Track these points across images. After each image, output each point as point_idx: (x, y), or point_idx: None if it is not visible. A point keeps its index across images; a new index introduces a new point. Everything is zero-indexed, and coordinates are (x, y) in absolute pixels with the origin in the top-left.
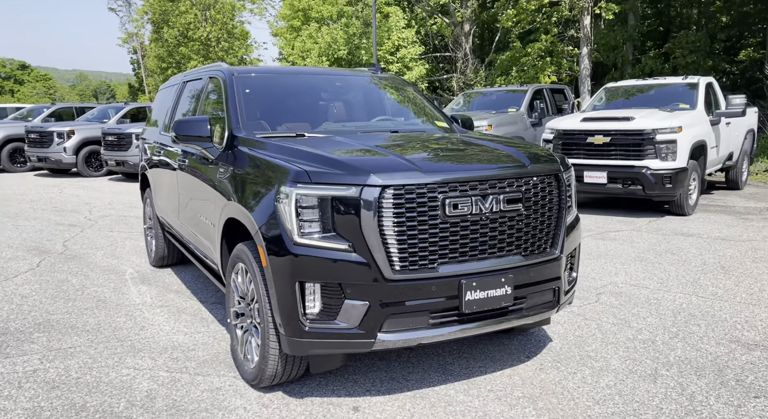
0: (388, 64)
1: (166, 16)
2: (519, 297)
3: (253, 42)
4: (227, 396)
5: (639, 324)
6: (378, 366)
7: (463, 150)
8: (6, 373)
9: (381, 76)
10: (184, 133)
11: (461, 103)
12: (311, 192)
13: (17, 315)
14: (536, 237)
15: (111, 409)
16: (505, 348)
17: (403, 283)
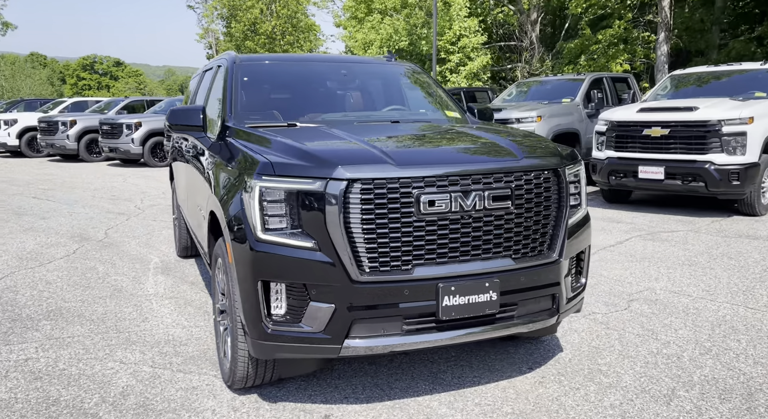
0: (449, 54)
1: (235, 11)
2: (508, 304)
3: (321, 35)
4: (200, 396)
5: (668, 336)
6: (365, 370)
7: (454, 142)
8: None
9: (394, 64)
10: (177, 122)
11: (513, 94)
12: (276, 185)
13: (34, 302)
14: (530, 238)
15: (81, 405)
16: (508, 357)
17: (372, 286)
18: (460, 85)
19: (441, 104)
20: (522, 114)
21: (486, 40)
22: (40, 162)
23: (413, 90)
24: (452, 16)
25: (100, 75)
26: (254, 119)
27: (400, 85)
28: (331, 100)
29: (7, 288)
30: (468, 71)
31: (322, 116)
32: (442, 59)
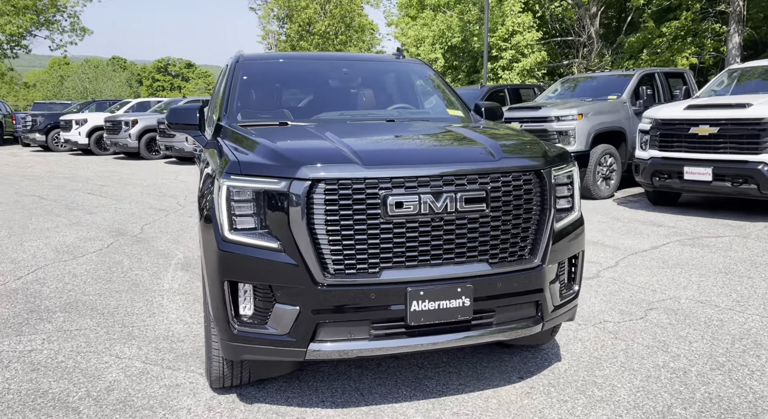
0: (501, 50)
1: (290, 11)
2: (484, 310)
3: (378, 34)
4: (181, 394)
5: (680, 349)
6: (349, 373)
7: (433, 142)
8: (5, 351)
9: (401, 61)
10: (175, 121)
11: (558, 91)
12: (243, 185)
13: (56, 294)
14: (508, 243)
15: (66, 398)
16: (500, 364)
17: (337, 288)
18: (512, 82)
19: (446, 103)
20: (561, 112)
21: (541, 36)
22: (104, 160)
23: (418, 88)
24: (505, 11)
25: (172, 77)
26: (248, 118)
27: (404, 83)
28: (330, 99)
29: (36, 280)
30: (521, 68)
31: (318, 114)
32: (494, 56)
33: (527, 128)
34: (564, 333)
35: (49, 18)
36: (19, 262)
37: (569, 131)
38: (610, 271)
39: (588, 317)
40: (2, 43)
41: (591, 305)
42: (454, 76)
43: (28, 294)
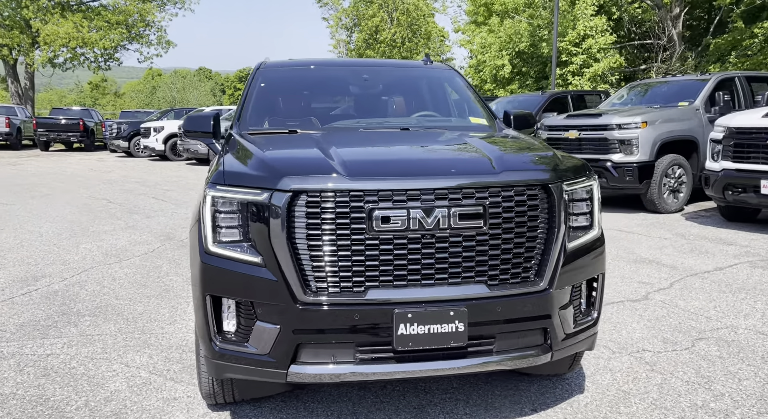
0: (571, 55)
1: (358, 20)
2: (482, 336)
3: (448, 41)
4: (175, 409)
5: (726, 387)
6: (350, 395)
7: (435, 153)
8: (25, 354)
9: (427, 67)
10: (190, 128)
11: (624, 97)
12: (227, 195)
13: (91, 298)
14: (510, 263)
15: (64, 407)
16: (515, 394)
17: (318, 308)
18: (583, 88)
19: (471, 110)
20: (623, 120)
21: (615, 39)
22: (177, 165)
23: (443, 95)
24: (577, 15)
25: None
26: (259, 125)
27: (430, 89)
28: (348, 106)
29: (77, 283)
30: (592, 73)
31: (333, 122)
32: (563, 62)
33: (585, 136)
34: (593, 361)
35: (139, 32)
36: (69, 264)
37: (632, 140)
38: (662, 293)
39: (625, 344)
40: (97, 57)
41: (631, 331)
42: (521, 82)
43: (65, 297)
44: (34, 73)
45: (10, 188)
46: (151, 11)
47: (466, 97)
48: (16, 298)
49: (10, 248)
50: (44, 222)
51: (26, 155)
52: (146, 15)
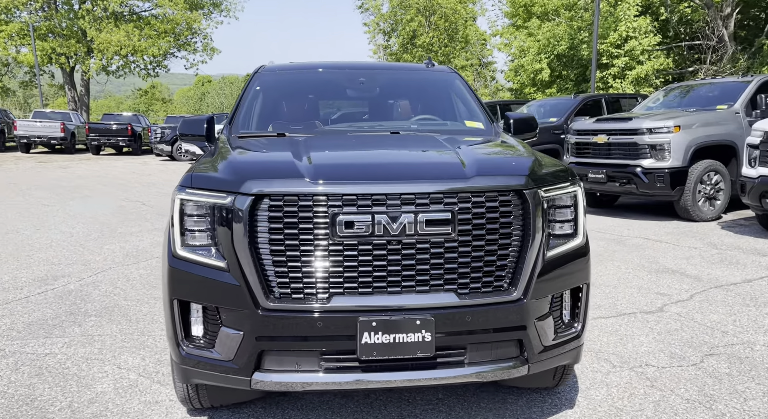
0: (612, 58)
1: (396, 25)
2: (451, 347)
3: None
4: (154, 413)
5: (729, 407)
6: (330, 403)
7: (413, 157)
8: (25, 353)
9: (428, 70)
10: (185, 131)
11: (660, 100)
12: (193, 198)
13: (101, 298)
14: (481, 272)
15: (48, 408)
16: (501, 406)
17: (281, 314)
18: (625, 91)
19: (468, 114)
20: (655, 124)
21: (660, 40)
22: None
23: (441, 98)
24: (618, 16)
25: None
26: (249, 129)
27: (429, 92)
28: (343, 110)
29: (92, 283)
30: (635, 76)
31: (325, 126)
32: (604, 64)
33: (615, 141)
34: (590, 375)
35: (186, 40)
36: (89, 264)
37: (663, 145)
38: (679, 306)
39: (628, 358)
40: (146, 64)
41: (637, 345)
42: (560, 85)
43: (77, 297)
44: (89, 80)
45: (55, 189)
46: (197, 19)
47: (466, 100)
48: (32, 297)
49: (40, 248)
50: (77, 223)
51: (78, 158)
52: (192, 23)
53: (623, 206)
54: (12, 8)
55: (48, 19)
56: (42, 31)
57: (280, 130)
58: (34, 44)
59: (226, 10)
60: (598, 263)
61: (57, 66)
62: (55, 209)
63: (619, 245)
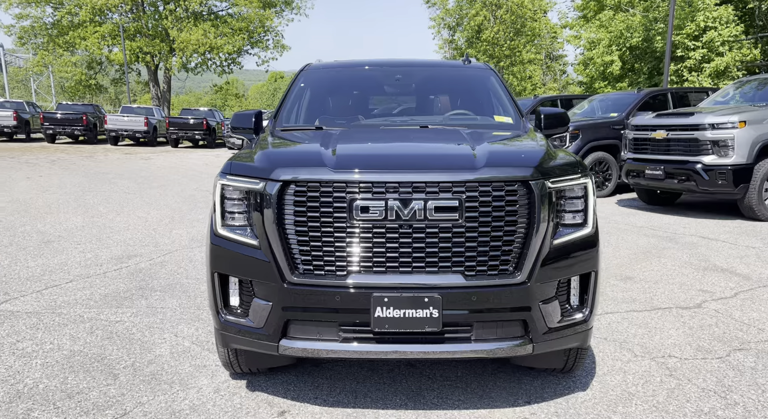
0: (688, 50)
1: (461, 19)
2: (457, 323)
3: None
4: (202, 375)
5: (745, 397)
6: (356, 375)
7: (431, 148)
8: (99, 320)
9: (464, 66)
10: (236, 125)
11: (730, 95)
12: (232, 184)
13: (167, 276)
14: (487, 255)
15: (115, 365)
16: (514, 386)
17: (304, 288)
18: (702, 85)
19: (500, 109)
20: (718, 119)
21: (742, 29)
22: None
23: (474, 94)
24: (696, 5)
25: None
26: (292, 123)
27: (463, 89)
28: (379, 105)
29: (160, 263)
30: (713, 69)
31: (360, 120)
32: (679, 57)
33: (674, 136)
34: (609, 363)
35: (259, 37)
36: (159, 246)
37: (727, 141)
38: (720, 303)
39: (651, 349)
40: (222, 61)
41: (665, 337)
42: (632, 79)
43: (147, 274)
44: (171, 77)
45: (136, 179)
46: (269, 17)
47: (498, 96)
48: (109, 273)
49: (119, 230)
50: (152, 209)
51: (158, 150)
52: (265, 21)
53: (685, 204)
54: (105, 10)
55: (136, 20)
56: (130, 31)
57: (318, 124)
58: (124, 44)
59: (297, 7)
60: (643, 259)
61: (143, 64)
62: (135, 196)
63: (670, 242)
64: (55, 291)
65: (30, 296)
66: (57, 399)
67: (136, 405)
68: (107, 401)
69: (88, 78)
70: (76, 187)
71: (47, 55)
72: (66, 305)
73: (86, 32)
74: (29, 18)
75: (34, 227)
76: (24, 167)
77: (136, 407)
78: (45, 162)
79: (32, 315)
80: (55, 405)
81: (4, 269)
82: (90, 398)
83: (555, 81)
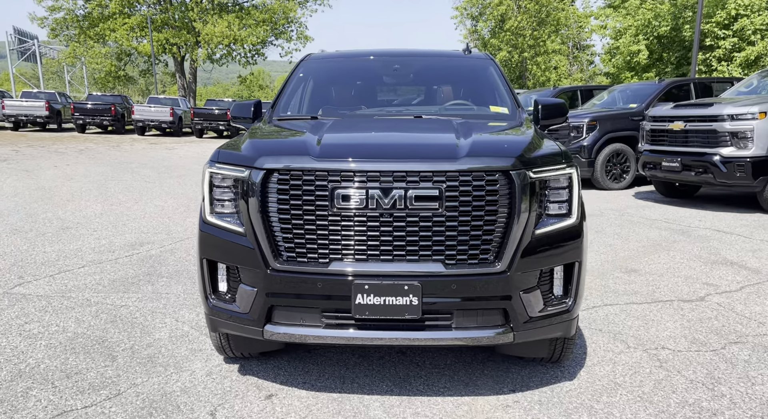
0: (717, 39)
1: (484, 9)
2: (437, 311)
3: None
4: (197, 358)
5: (733, 389)
6: (346, 361)
7: (417, 138)
8: (105, 304)
9: (464, 56)
10: (235, 114)
11: (753, 85)
12: (220, 172)
13: (174, 263)
14: (467, 244)
15: (115, 348)
16: (500, 374)
17: (287, 275)
18: (731, 75)
19: (497, 99)
20: (737, 110)
21: None
22: None
23: (473, 84)
24: None
25: None
26: (288, 112)
27: (461, 79)
28: (375, 95)
29: (170, 250)
30: (743, 58)
31: (355, 110)
32: (708, 46)
33: (692, 128)
34: (600, 354)
35: (282, 28)
36: (171, 234)
37: (746, 133)
38: (723, 296)
39: (645, 341)
40: (246, 53)
41: (660, 330)
42: (660, 69)
43: (156, 261)
44: (197, 68)
45: (157, 168)
46: (293, 8)
47: (496, 86)
48: (120, 259)
49: (135, 218)
50: (170, 198)
51: (183, 141)
52: (289, 12)
53: (704, 197)
54: (133, 2)
55: (163, 12)
56: (158, 23)
57: (314, 114)
58: (151, 35)
59: None
60: (651, 252)
61: (170, 55)
62: (154, 185)
63: (682, 235)
64: (67, 276)
65: (43, 280)
66: (56, 378)
67: (130, 386)
68: (103, 381)
69: (118, 69)
70: (100, 176)
71: (79, 47)
72: (76, 289)
73: (116, 24)
74: (62, 10)
75: (55, 214)
76: (53, 156)
77: (129, 388)
78: (73, 151)
79: (42, 298)
80: (53, 384)
81: (22, 253)
82: (87, 378)
83: (581, 71)
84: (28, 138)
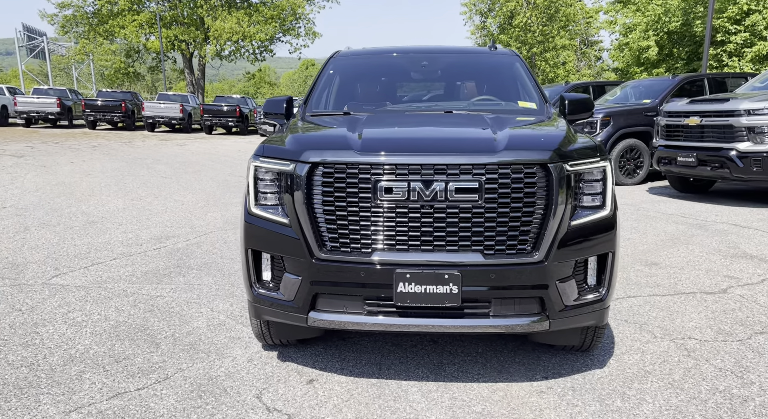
0: (729, 34)
1: (492, 4)
2: (477, 300)
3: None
4: (237, 346)
5: (762, 377)
6: (382, 349)
7: (454, 132)
8: (141, 294)
9: (490, 53)
10: (268, 110)
11: None
12: (264, 165)
13: (202, 255)
14: (506, 235)
15: (157, 335)
16: (532, 361)
17: (331, 264)
18: (743, 70)
19: (524, 95)
20: (754, 105)
21: None
22: None
23: (499, 80)
24: None
25: None
26: (321, 108)
27: (488, 74)
28: (404, 91)
29: (196, 243)
30: (755, 53)
31: (386, 106)
32: (720, 41)
33: (708, 123)
34: (628, 343)
35: (290, 25)
36: (195, 228)
37: (763, 128)
38: (745, 288)
39: (671, 331)
40: (254, 49)
41: (686, 321)
42: (669, 64)
43: (184, 253)
44: (205, 65)
45: (172, 164)
46: (301, 5)
47: (523, 82)
48: (149, 252)
49: (157, 213)
50: (188, 193)
51: (193, 137)
52: (297, 8)
53: (719, 192)
54: None
55: (172, 8)
56: (167, 20)
57: (346, 109)
58: (161, 32)
59: None
60: (670, 245)
61: (179, 52)
62: (171, 180)
63: (700, 229)
64: (100, 268)
65: (78, 271)
66: (106, 363)
67: (176, 370)
68: (151, 366)
69: (127, 66)
70: (116, 171)
71: (88, 44)
72: (111, 280)
73: (125, 21)
74: (71, 7)
75: (79, 209)
76: (67, 152)
77: (177, 372)
78: (86, 147)
79: (81, 289)
80: (104, 368)
81: (54, 246)
82: (135, 363)
83: (589, 67)
84: (40, 134)
